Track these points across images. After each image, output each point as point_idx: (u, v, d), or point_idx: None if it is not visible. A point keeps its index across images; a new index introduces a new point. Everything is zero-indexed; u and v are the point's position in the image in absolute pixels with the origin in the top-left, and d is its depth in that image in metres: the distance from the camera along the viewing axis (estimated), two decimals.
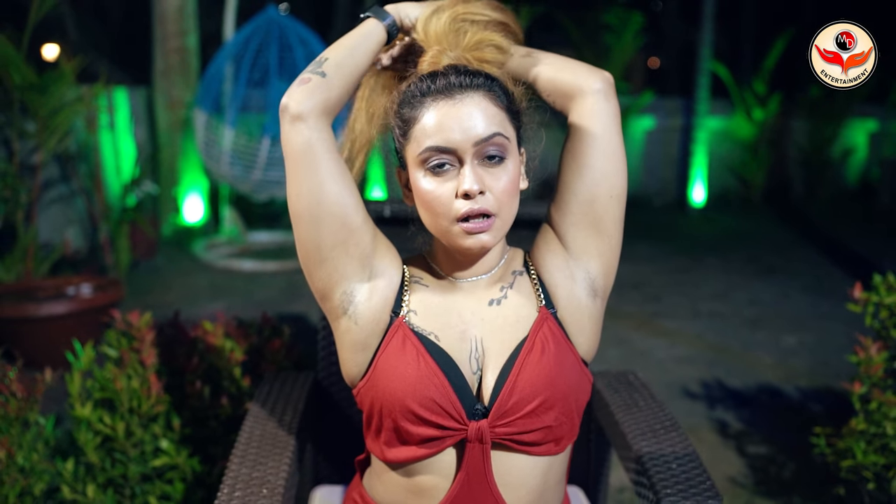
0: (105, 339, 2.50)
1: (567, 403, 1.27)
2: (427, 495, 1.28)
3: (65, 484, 2.40)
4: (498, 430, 1.23)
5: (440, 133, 1.21)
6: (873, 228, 8.42)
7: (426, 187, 1.23)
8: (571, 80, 1.34)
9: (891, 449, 2.35)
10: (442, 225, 1.23)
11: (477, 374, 1.27)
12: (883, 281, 2.49)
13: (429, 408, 1.21)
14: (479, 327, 1.29)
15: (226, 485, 1.53)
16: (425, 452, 1.25)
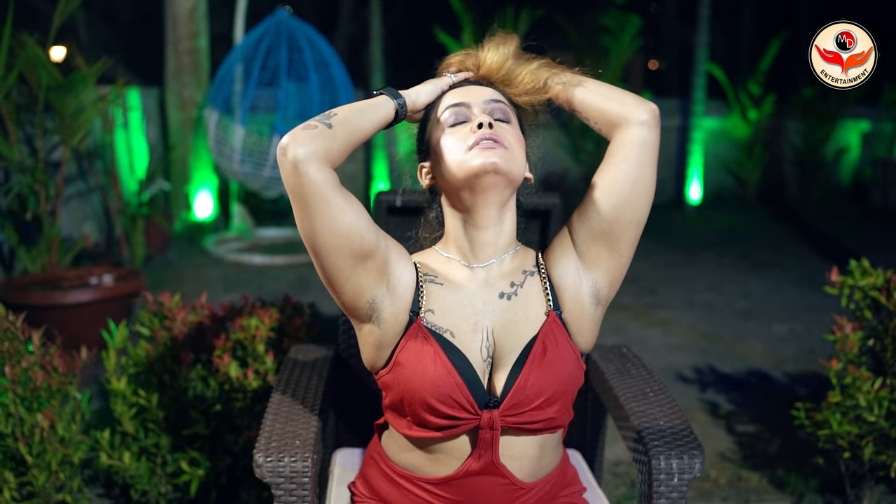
0: (138, 319, 2.70)
1: (567, 396, 1.45)
2: (441, 464, 1.46)
3: (103, 451, 2.60)
4: (508, 419, 1.40)
5: (458, 95, 1.45)
6: (865, 226, 8.62)
7: (446, 138, 1.41)
8: (619, 109, 1.43)
9: (863, 419, 2.55)
10: (457, 158, 1.38)
11: (487, 361, 1.42)
12: (858, 266, 2.69)
13: (445, 402, 1.37)
14: (490, 318, 1.43)
15: (262, 437, 1.73)
16: (441, 435, 1.42)
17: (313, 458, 1.67)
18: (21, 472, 2.57)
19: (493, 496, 1.44)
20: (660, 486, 1.67)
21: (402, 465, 1.53)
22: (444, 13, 9.39)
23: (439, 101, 1.47)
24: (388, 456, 1.58)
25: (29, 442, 2.48)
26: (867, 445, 2.57)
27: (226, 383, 2.57)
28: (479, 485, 1.44)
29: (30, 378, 2.52)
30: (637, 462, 1.78)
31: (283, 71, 6.07)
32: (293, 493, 1.65)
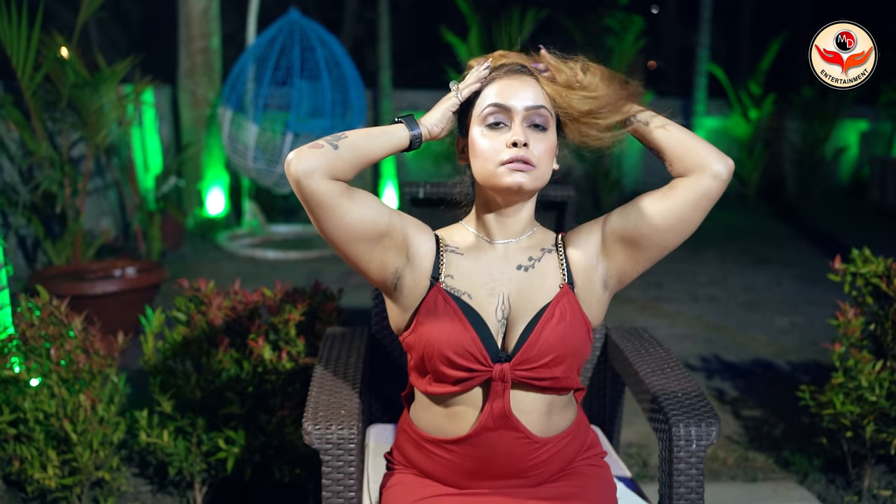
0: (174, 305, 2.83)
1: (573, 361, 1.59)
2: (459, 419, 1.60)
3: (142, 430, 2.73)
4: (518, 373, 1.55)
5: (501, 95, 1.54)
6: (864, 224, 8.77)
7: (483, 138, 1.55)
8: (698, 160, 1.54)
9: (865, 399, 2.69)
10: (489, 168, 1.53)
11: (502, 322, 1.58)
12: (860, 254, 2.83)
13: (460, 354, 1.53)
14: (506, 285, 1.59)
15: (309, 407, 1.87)
16: (458, 389, 1.57)
17: (358, 426, 1.81)
18: (62, 451, 2.70)
19: (510, 450, 1.58)
20: (679, 451, 1.81)
21: (425, 429, 1.67)
22: (450, 13, 9.54)
23: (484, 90, 1.56)
24: (413, 423, 1.72)
25: (74, 421, 2.61)
26: (869, 424, 2.71)
27: (259, 365, 2.70)
28: (496, 441, 1.57)
29: (72, 360, 2.65)
30: (657, 431, 1.92)
31: (296, 70, 6.21)
32: (340, 458, 1.79)
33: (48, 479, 2.65)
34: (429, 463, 1.68)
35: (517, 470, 1.60)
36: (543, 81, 1.56)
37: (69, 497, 2.72)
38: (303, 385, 2.71)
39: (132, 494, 2.91)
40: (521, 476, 1.61)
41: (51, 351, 2.64)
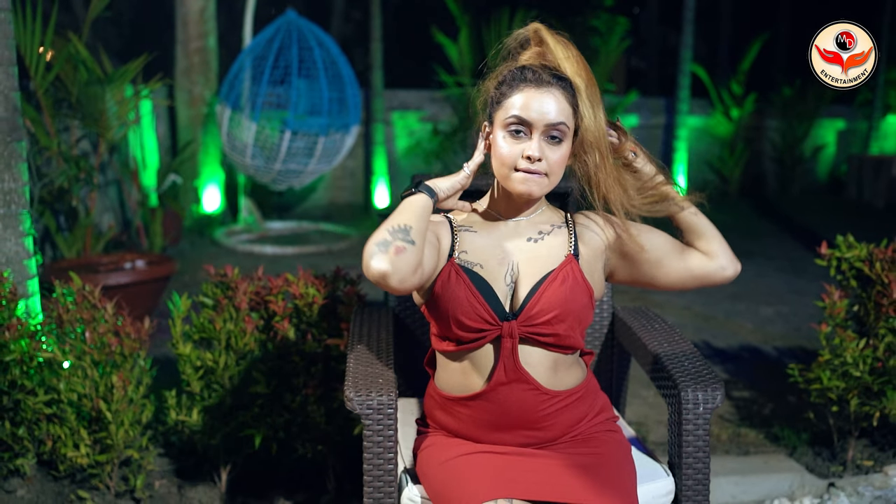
0: (201, 290, 2.98)
1: (574, 321, 1.79)
2: (476, 375, 1.80)
3: (172, 409, 2.88)
4: (523, 329, 1.75)
5: (525, 109, 1.71)
6: (842, 219, 9.03)
7: (503, 143, 1.73)
8: (715, 248, 1.86)
9: (850, 375, 2.89)
10: (505, 171, 1.74)
11: (510, 286, 1.78)
12: (844, 240, 3.03)
13: (470, 317, 1.74)
14: (516, 255, 1.80)
15: (349, 377, 2.03)
16: (473, 346, 1.78)
17: (395, 394, 1.97)
18: (94, 430, 2.84)
19: (522, 401, 1.77)
20: (688, 414, 1.99)
21: (446, 389, 1.87)
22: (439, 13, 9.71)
23: (512, 97, 1.72)
24: (437, 386, 1.92)
25: (108, 401, 2.76)
26: (853, 398, 2.91)
27: (283, 347, 2.86)
28: (509, 395, 1.77)
29: (105, 343, 2.80)
30: (667, 396, 2.10)
31: (294, 69, 6.36)
32: (380, 422, 1.96)
33: (80, 457, 2.79)
34: (453, 421, 1.87)
35: (530, 420, 1.78)
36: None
37: (101, 474, 2.86)
38: (324, 365, 2.87)
39: (158, 473, 3.05)
40: (534, 427, 1.79)
41: (86, 334, 2.78)
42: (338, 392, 2.84)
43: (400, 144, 9.13)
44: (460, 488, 1.74)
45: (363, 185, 8.95)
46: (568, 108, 1.73)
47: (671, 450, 2.06)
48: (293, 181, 6.70)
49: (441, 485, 1.79)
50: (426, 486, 1.87)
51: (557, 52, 1.78)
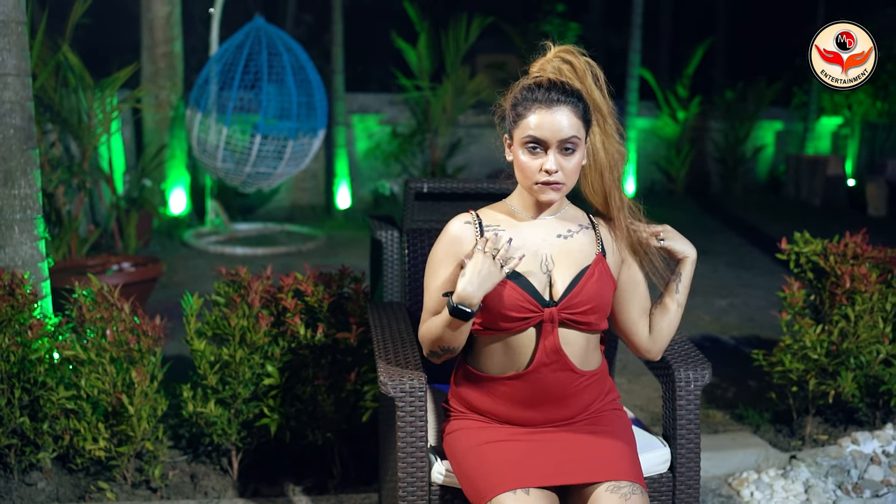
0: (214, 290, 3.16)
1: (602, 312, 2.04)
2: (518, 356, 2.02)
3: (189, 401, 3.05)
4: (563, 315, 1.98)
5: (539, 130, 1.93)
6: (782, 216, 9.51)
7: (523, 158, 1.97)
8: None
9: (809, 357, 3.20)
10: (527, 183, 1.98)
11: (546, 275, 2.00)
12: (801, 236, 3.35)
13: (515, 309, 1.96)
14: (548, 249, 2.02)
15: (381, 363, 2.25)
16: (516, 330, 1.99)
17: (424, 378, 2.20)
18: (111, 424, 3.00)
19: (558, 380, 2.00)
20: (680, 391, 2.27)
21: (484, 369, 2.07)
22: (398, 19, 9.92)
23: (527, 117, 1.93)
24: (472, 368, 2.11)
25: (130, 395, 2.92)
26: (811, 379, 3.23)
27: (293, 341, 3.06)
28: (549, 374, 1.99)
29: (124, 340, 2.96)
30: (660, 377, 2.36)
31: (264, 74, 6.51)
32: (412, 404, 2.18)
33: (98, 450, 2.95)
34: (488, 400, 2.07)
35: (560, 397, 2.02)
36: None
37: (119, 466, 3.02)
38: (332, 357, 3.08)
39: (169, 464, 3.22)
40: (561, 405, 2.03)
41: (106, 332, 2.94)
42: (346, 382, 3.05)
43: (360, 147, 9.32)
44: (484, 477, 1.95)
45: (324, 187, 9.11)
46: (577, 122, 1.95)
47: (666, 423, 2.33)
48: (262, 184, 6.86)
49: (468, 469, 2.01)
50: (454, 467, 2.09)
51: (576, 73, 2.01)
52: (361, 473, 3.21)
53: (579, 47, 2.04)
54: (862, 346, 3.16)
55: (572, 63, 2.01)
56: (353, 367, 3.09)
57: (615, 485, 1.92)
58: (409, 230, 2.89)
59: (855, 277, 3.14)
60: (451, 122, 9.34)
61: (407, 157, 9.45)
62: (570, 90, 1.95)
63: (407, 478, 2.17)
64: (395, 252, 3.72)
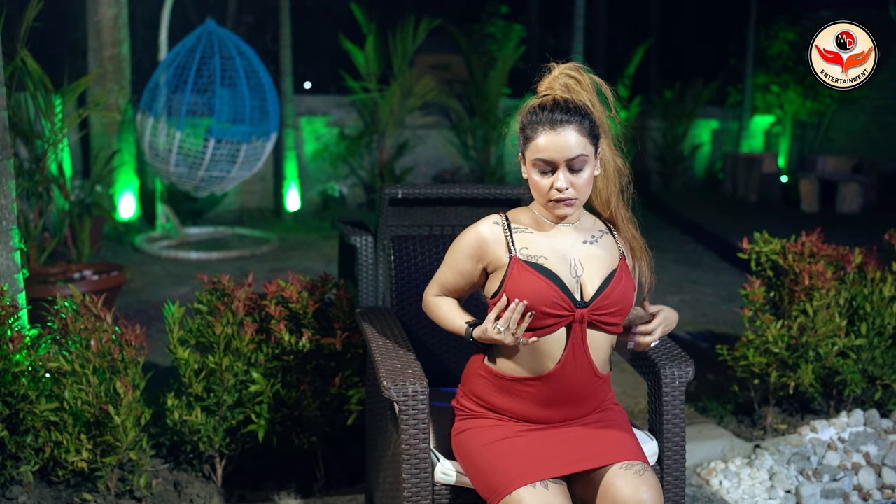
0: (195, 298, 3.18)
1: (626, 313, 2.14)
2: (546, 357, 2.09)
3: (175, 410, 3.07)
4: (593, 316, 2.06)
5: (546, 152, 2.02)
6: (722, 212, 9.83)
7: (535, 178, 2.06)
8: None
9: (770, 351, 3.37)
10: (541, 201, 2.08)
11: (576, 279, 2.08)
12: (760, 236, 3.52)
13: (551, 307, 2.03)
14: (576, 253, 2.10)
15: (382, 369, 2.31)
16: (548, 332, 2.05)
17: (426, 382, 2.27)
18: (94, 435, 3.00)
19: (581, 382, 2.09)
20: (666, 387, 2.39)
21: (508, 371, 2.13)
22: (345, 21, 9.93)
23: (536, 139, 2.02)
24: (494, 369, 2.17)
25: (116, 406, 2.93)
26: (773, 371, 3.40)
27: (277, 348, 3.10)
28: (573, 375, 2.08)
29: (108, 351, 2.97)
30: (646, 374, 2.48)
31: (217, 78, 6.49)
32: (415, 407, 2.25)
33: (81, 462, 2.94)
34: (509, 400, 2.13)
35: (581, 397, 2.12)
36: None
37: (103, 477, 3.02)
38: (317, 362, 3.13)
39: (151, 473, 3.23)
40: (579, 404, 2.12)
41: (91, 342, 2.94)
42: (331, 387, 3.11)
43: (308, 149, 9.31)
44: (501, 473, 2.02)
45: (273, 189, 9.08)
46: (584, 139, 2.03)
47: (652, 418, 2.45)
48: (215, 187, 6.83)
49: (483, 466, 2.08)
50: (464, 466, 2.17)
51: (583, 91, 2.10)
52: (345, 476, 3.27)
53: (580, 63, 2.14)
54: (820, 340, 3.34)
55: (578, 80, 2.10)
56: (338, 371, 3.15)
57: (628, 463, 2.03)
58: (394, 237, 2.96)
59: (813, 275, 3.32)
60: (399, 123, 9.40)
61: (355, 158, 9.48)
62: (573, 108, 2.03)
63: (411, 479, 2.24)
64: (370, 257, 3.79)
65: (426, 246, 2.97)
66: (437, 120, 9.96)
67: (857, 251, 3.52)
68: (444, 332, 2.35)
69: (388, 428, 2.58)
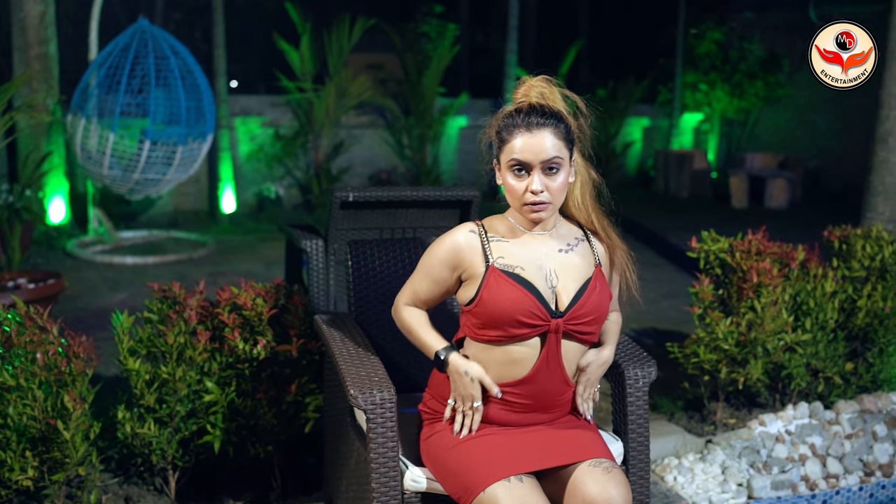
0: (146, 307, 3.10)
1: (601, 322, 2.16)
2: (519, 365, 2.09)
3: (127, 423, 2.98)
4: (568, 326, 2.07)
5: (522, 153, 2.02)
6: (655, 209, 10.00)
7: (510, 181, 2.06)
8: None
9: (720, 348, 3.45)
10: (515, 204, 2.08)
11: (552, 289, 2.08)
12: (708, 235, 3.59)
13: (527, 315, 2.03)
14: (551, 262, 2.10)
15: (348, 378, 2.28)
16: (521, 339, 2.05)
17: (393, 389, 2.25)
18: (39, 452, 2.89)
19: (551, 391, 2.11)
20: (630, 388, 2.42)
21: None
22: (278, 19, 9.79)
23: (512, 141, 2.02)
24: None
25: (65, 420, 2.82)
26: (723, 367, 3.48)
27: (231, 356, 3.04)
28: (543, 383, 2.09)
29: (54, 364, 2.86)
30: (609, 375, 2.50)
31: (152, 78, 6.32)
32: (383, 416, 2.23)
33: (26, 480, 2.83)
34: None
35: (551, 404, 2.13)
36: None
37: (50, 495, 2.91)
38: (272, 370, 3.08)
39: (101, 488, 3.13)
40: (549, 410, 2.14)
41: (37, 356, 2.84)
42: (287, 394, 3.06)
43: (242, 149, 9.16)
44: (473, 471, 2.02)
45: (208, 191, 8.91)
46: (559, 143, 2.03)
47: (616, 419, 2.48)
48: (150, 190, 6.66)
49: (454, 467, 2.07)
50: (434, 470, 2.16)
51: (556, 97, 2.11)
52: (301, 484, 3.22)
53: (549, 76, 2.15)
54: (768, 336, 3.42)
55: (548, 93, 2.11)
56: (294, 378, 3.10)
57: (597, 461, 2.05)
58: (350, 242, 2.92)
59: (761, 272, 3.40)
60: (334, 123, 9.32)
61: (290, 159, 9.37)
62: (550, 112, 2.05)
63: (380, 488, 2.22)
64: (321, 261, 3.75)
65: (384, 251, 2.94)
66: (373, 119, 9.91)
67: (800, 248, 3.62)
68: (404, 338, 2.33)
69: (350, 435, 2.55)
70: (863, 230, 3.90)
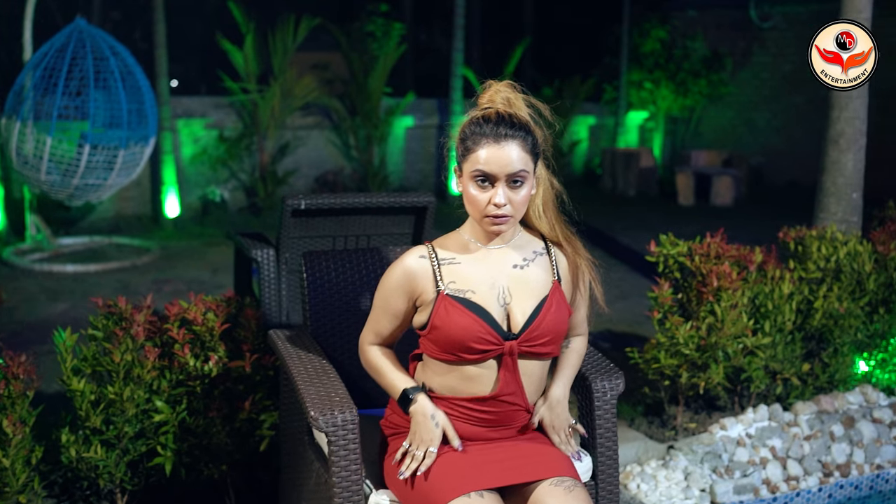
0: (90, 323, 2.95)
1: (559, 340, 2.10)
2: (476, 383, 2.04)
3: (71, 447, 2.83)
4: (523, 348, 2.02)
5: (487, 165, 1.94)
6: (603, 207, 10.02)
7: (472, 191, 1.98)
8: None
9: (681, 353, 3.42)
10: (476, 216, 2.00)
11: (503, 308, 2.02)
12: (667, 239, 3.57)
13: (478, 342, 1.98)
14: (505, 279, 2.04)
15: (307, 399, 2.19)
16: (475, 361, 2.01)
17: (355, 410, 2.16)
18: None
19: (512, 409, 2.06)
20: (598, 401, 2.37)
21: (441, 391, 2.08)
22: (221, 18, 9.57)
23: (477, 151, 1.94)
24: (429, 389, 2.10)
25: (4, 447, 2.67)
26: (684, 372, 3.45)
27: (181, 373, 2.91)
28: (504, 400, 2.04)
29: None
30: (575, 388, 2.45)
31: (91, 80, 6.10)
32: (345, 437, 2.14)
33: None
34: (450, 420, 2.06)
35: (513, 419, 2.09)
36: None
37: None
38: (225, 386, 2.96)
39: None
40: (512, 427, 2.10)
41: None
42: (240, 412, 2.94)
43: (186, 152, 8.94)
44: (436, 488, 1.97)
45: (150, 195, 8.67)
46: (526, 156, 1.97)
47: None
48: (91, 196, 6.43)
49: (416, 482, 2.01)
50: (396, 490, 2.09)
51: (520, 105, 2.04)
52: (257, 502, 3.11)
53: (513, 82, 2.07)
54: (728, 340, 3.41)
55: (517, 98, 2.04)
56: (248, 395, 2.99)
57: (558, 479, 2.01)
58: (305, 253, 2.81)
59: (720, 276, 3.39)
60: (280, 124, 9.15)
61: (235, 161, 9.17)
62: (517, 124, 1.98)
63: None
64: (272, 272, 3.63)
65: (339, 263, 2.84)
66: (319, 120, 9.75)
67: (757, 250, 3.62)
68: None
69: (309, 455, 2.45)
70: (818, 231, 3.92)
